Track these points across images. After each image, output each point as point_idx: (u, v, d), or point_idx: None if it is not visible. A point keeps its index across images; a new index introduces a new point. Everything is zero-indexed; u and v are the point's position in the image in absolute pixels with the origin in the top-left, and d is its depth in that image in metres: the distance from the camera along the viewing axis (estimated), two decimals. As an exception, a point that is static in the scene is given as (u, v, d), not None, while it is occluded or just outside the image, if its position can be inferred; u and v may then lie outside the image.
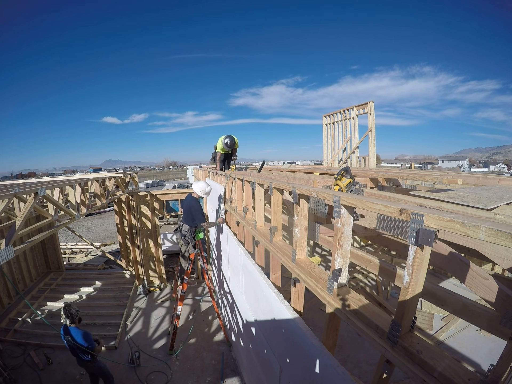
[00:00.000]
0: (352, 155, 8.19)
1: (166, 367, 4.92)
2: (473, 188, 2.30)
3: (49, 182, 5.02)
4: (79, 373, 4.80)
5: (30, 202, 3.13)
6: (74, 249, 11.37)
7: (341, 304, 1.84)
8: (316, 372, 1.79)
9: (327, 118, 9.28)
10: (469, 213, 1.46)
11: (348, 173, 2.43)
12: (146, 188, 37.44)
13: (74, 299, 7.25)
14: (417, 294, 1.35)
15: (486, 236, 1.00)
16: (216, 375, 4.77)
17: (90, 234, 14.72)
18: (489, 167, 73.89)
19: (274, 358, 2.59)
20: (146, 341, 5.67)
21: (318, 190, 2.16)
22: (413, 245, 1.27)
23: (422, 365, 1.29)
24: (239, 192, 4.71)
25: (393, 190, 3.44)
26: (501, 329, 1.35)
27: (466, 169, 64.23)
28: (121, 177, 7.05)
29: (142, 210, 7.71)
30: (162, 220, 16.28)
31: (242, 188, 4.44)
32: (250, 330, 3.51)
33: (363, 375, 4.40)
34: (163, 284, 8.08)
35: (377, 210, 1.49)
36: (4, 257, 2.70)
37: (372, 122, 7.43)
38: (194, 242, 5.06)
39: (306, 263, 2.47)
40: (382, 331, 1.51)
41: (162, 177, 64.07)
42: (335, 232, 1.90)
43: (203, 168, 13.15)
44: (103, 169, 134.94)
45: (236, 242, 4.19)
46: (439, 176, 2.88)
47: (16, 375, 4.73)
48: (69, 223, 4.48)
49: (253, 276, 3.17)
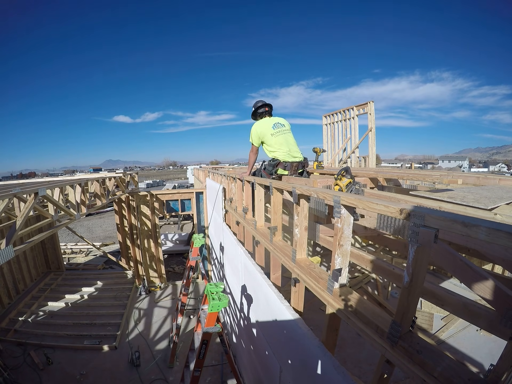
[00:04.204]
0: (352, 155, 8.19)
1: (165, 372, 4.93)
2: (473, 188, 2.30)
3: (49, 182, 5.02)
4: (79, 373, 4.80)
5: (30, 202, 3.12)
6: (74, 249, 11.37)
7: (341, 304, 1.84)
8: (316, 372, 1.79)
9: (327, 118, 9.27)
10: (469, 213, 1.46)
11: (348, 173, 2.43)
12: (146, 188, 37.44)
13: (75, 299, 7.26)
14: (417, 294, 1.35)
15: (486, 236, 1.00)
16: (216, 375, 4.77)
17: (90, 234, 14.73)
18: (489, 167, 73.85)
19: (274, 358, 2.59)
20: (146, 341, 5.66)
21: (318, 190, 2.16)
22: (413, 245, 1.27)
23: (422, 365, 1.28)
24: (239, 192, 4.71)
25: (393, 190, 3.44)
26: (501, 329, 1.35)
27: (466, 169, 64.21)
28: (121, 177, 7.04)
29: (142, 210, 7.72)
30: (162, 220, 16.29)
31: (242, 188, 4.44)
32: (250, 330, 3.51)
33: (363, 375, 4.39)
34: (163, 284, 8.08)
35: (377, 210, 1.49)
36: (4, 257, 2.70)
37: (372, 122, 7.42)
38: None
39: (306, 263, 2.47)
40: (382, 331, 1.51)
41: (162, 177, 64.12)
42: (335, 232, 1.90)
43: (203, 168, 13.16)
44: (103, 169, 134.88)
45: (236, 242, 4.19)
46: (439, 176, 2.88)
47: (16, 375, 4.73)
48: (69, 223, 4.48)
49: (253, 276, 3.17)
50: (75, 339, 5.70)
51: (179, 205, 8.02)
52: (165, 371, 4.86)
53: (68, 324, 6.20)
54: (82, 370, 4.85)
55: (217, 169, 10.27)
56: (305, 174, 3.88)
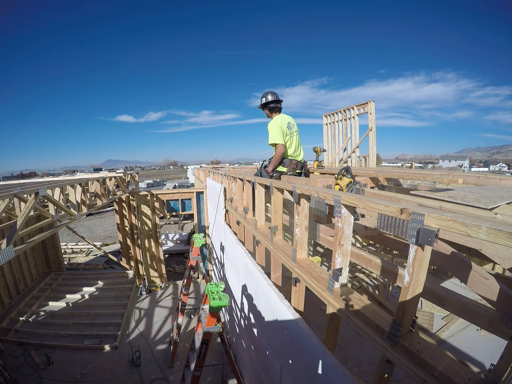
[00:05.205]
0: (353, 154, 8.18)
1: (166, 371, 4.93)
2: (474, 187, 2.30)
3: (49, 182, 5.02)
4: (80, 372, 4.81)
5: (30, 202, 3.13)
6: (74, 249, 11.39)
7: (341, 304, 1.84)
8: (316, 372, 1.79)
9: (327, 118, 9.26)
10: (469, 213, 1.46)
11: (348, 172, 2.42)
12: (146, 187, 37.47)
13: (75, 299, 7.27)
14: (417, 294, 1.35)
15: (486, 235, 1.00)
16: (216, 374, 4.78)
17: (91, 234, 14.74)
18: (489, 167, 73.78)
19: (274, 358, 2.59)
20: (147, 341, 5.67)
21: (318, 189, 2.16)
22: (413, 244, 1.26)
23: (423, 365, 1.28)
24: (239, 191, 4.71)
25: (394, 189, 3.43)
26: (502, 329, 1.35)
27: (466, 168, 64.13)
28: (122, 177, 7.05)
29: (143, 209, 7.72)
30: (162, 220, 16.29)
31: (243, 187, 4.45)
32: (250, 329, 3.51)
33: (364, 374, 4.40)
34: (164, 283, 8.08)
35: (377, 209, 1.49)
36: (5, 257, 2.71)
37: (372, 121, 7.41)
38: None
39: (306, 263, 2.47)
40: (383, 330, 1.51)
41: (163, 177, 64.16)
42: (335, 232, 1.90)
43: (203, 168, 13.16)
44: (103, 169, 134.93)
45: (237, 241, 4.19)
46: (439, 175, 2.87)
47: (17, 375, 4.74)
48: (69, 223, 4.48)
49: (253, 275, 3.17)
50: (75, 338, 5.70)
51: (180, 204, 8.02)
52: (165, 370, 4.86)
53: (68, 323, 6.20)
54: (83, 370, 4.86)
55: (218, 168, 10.27)
56: (303, 176, 3.85)
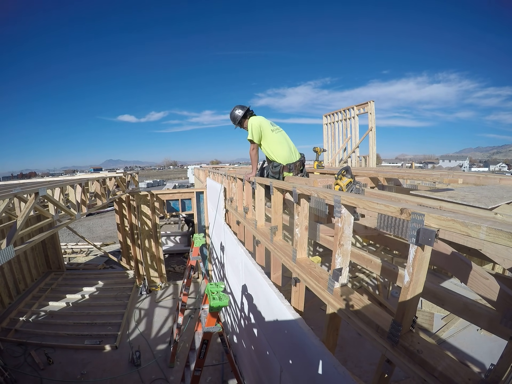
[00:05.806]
0: (353, 154, 8.18)
1: (166, 371, 4.93)
2: (474, 187, 2.30)
3: (49, 182, 5.02)
4: (80, 372, 4.81)
5: (30, 202, 3.13)
6: (74, 249, 11.38)
7: (341, 304, 1.84)
8: (316, 372, 1.79)
9: (327, 118, 9.26)
10: (469, 213, 1.46)
11: (348, 172, 2.42)
12: (146, 187, 37.46)
13: (75, 299, 7.26)
14: (417, 294, 1.35)
15: (486, 235, 1.00)
16: (217, 374, 4.78)
17: (91, 234, 14.73)
18: (489, 167, 73.78)
19: (274, 358, 2.59)
20: (147, 341, 5.67)
21: (318, 189, 2.16)
22: (413, 244, 1.26)
23: (423, 365, 1.28)
24: (239, 191, 4.71)
25: (394, 189, 3.43)
26: (502, 329, 1.35)
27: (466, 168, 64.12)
28: (122, 177, 7.05)
29: (143, 209, 7.72)
30: (162, 220, 16.28)
31: (243, 187, 4.44)
32: (250, 329, 3.51)
33: (364, 374, 4.40)
34: (164, 283, 8.08)
35: (377, 209, 1.49)
36: (5, 257, 2.71)
37: (372, 121, 7.42)
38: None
39: (306, 263, 2.47)
40: (383, 330, 1.51)
41: (163, 177, 64.13)
42: (335, 232, 1.90)
43: (203, 168, 13.16)
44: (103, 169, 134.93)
45: (237, 241, 4.19)
46: (439, 175, 2.87)
47: (17, 375, 4.73)
48: (69, 223, 4.48)
49: (253, 275, 3.17)
50: (75, 338, 5.70)
51: (180, 204, 8.02)
52: (165, 370, 4.86)
53: (68, 324, 6.20)
54: (83, 370, 4.86)
55: (218, 168, 10.27)
56: (305, 171, 3.80)
